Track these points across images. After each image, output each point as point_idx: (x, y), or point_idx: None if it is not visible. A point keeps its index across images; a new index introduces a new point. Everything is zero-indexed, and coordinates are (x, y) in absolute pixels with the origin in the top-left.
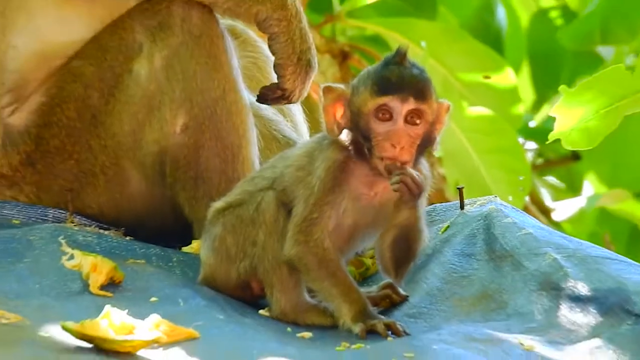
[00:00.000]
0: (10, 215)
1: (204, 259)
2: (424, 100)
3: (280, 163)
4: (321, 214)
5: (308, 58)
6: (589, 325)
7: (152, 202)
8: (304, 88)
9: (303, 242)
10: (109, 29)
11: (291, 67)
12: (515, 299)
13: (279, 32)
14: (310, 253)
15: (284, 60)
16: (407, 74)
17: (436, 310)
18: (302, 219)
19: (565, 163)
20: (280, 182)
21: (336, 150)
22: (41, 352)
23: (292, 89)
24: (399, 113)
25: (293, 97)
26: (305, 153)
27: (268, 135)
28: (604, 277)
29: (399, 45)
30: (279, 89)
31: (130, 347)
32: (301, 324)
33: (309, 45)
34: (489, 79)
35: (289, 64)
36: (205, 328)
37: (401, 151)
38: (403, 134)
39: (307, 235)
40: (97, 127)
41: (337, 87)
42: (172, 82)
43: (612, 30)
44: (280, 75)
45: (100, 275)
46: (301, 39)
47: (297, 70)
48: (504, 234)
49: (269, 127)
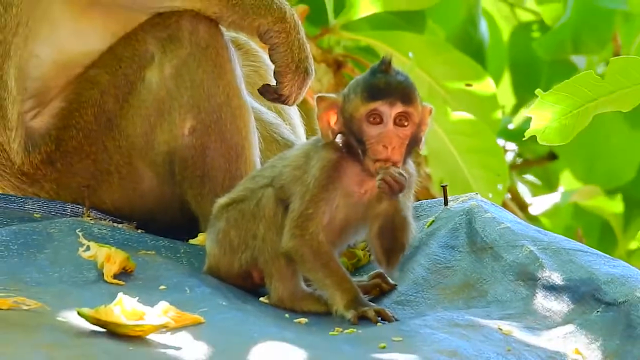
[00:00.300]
0: (32, 209)
1: (208, 250)
2: (410, 104)
3: (279, 163)
4: (316, 210)
5: (305, 66)
6: (563, 313)
7: (162, 198)
8: (300, 93)
9: (299, 235)
10: (123, 40)
11: (289, 75)
12: (494, 288)
13: (279, 42)
14: (305, 246)
15: (283, 69)
16: (393, 80)
17: (422, 298)
18: (299, 214)
19: (542, 162)
20: (278, 180)
21: (330, 151)
22: (59, 336)
23: (288, 94)
24: (389, 116)
25: (289, 101)
26: (302, 153)
27: (269, 137)
28: (576, 268)
29: (383, 55)
30: (276, 93)
31: (140, 331)
32: (298, 310)
33: (306, 55)
34: (470, 86)
35: (288, 71)
36: (209, 314)
37: (392, 151)
38: (393, 135)
39: (302, 230)
40: (112, 129)
41: (329, 96)
42: (181, 89)
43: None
44: (279, 81)
45: (113, 265)
46: (299, 49)
47: (295, 78)
48: (484, 228)
49: (270, 130)
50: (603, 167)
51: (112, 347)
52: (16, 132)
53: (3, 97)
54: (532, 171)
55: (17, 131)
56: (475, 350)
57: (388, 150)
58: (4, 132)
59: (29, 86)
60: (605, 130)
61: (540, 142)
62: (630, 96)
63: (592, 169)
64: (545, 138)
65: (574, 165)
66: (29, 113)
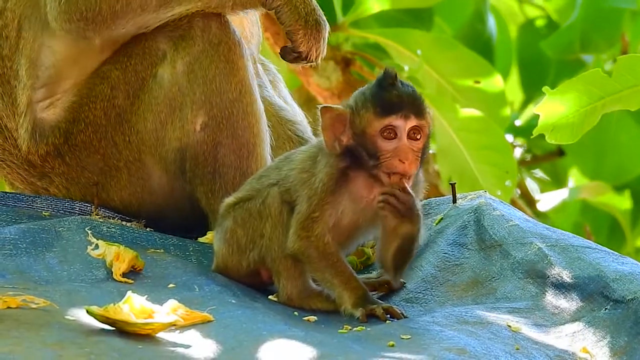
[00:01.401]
0: (41, 208)
1: (216, 250)
2: (422, 117)
3: (285, 166)
4: (322, 213)
5: (315, 18)
6: (571, 310)
7: (171, 195)
8: (319, 46)
9: (305, 237)
10: (134, 38)
11: (301, 31)
12: (503, 286)
13: (282, 4)
14: (312, 247)
15: (292, 27)
16: (404, 93)
17: (431, 295)
18: (305, 217)
19: (551, 158)
20: (284, 183)
21: (338, 158)
22: (68, 335)
23: (307, 50)
24: (403, 130)
25: (311, 57)
26: (308, 157)
27: (283, 134)
28: (584, 265)
29: (385, 68)
30: (294, 52)
31: (150, 329)
32: (307, 308)
33: (313, 7)
34: (479, 83)
35: (299, 28)
36: (218, 312)
37: (409, 165)
38: (408, 150)
39: (308, 231)
40: (122, 125)
41: (336, 108)
42: (193, 85)
43: (591, 41)
44: (293, 40)
45: (122, 264)
46: (304, 3)
47: (308, 32)
48: (492, 226)
49: (286, 128)
50: (611, 164)
51: (121, 345)
52: (24, 118)
53: (13, 85)
54: (541, 167)
55: (25, 117)
56: (484, 349)
57: (405, 165)
58: (13, 118)
59: (41, 74)
60: (614, 127)
61: (549, 141)
62: (638, 95)
63: (600, 166)
64: (553, 137)
65: (582, 162)
66: (42, 103)
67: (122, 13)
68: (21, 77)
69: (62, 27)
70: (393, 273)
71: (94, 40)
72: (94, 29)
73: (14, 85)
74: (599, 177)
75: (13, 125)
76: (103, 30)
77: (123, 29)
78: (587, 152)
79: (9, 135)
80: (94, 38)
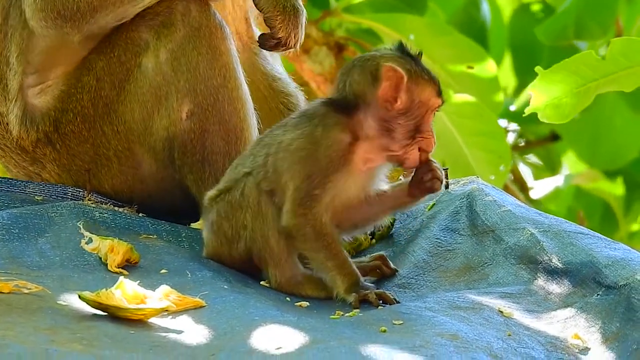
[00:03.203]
0: (33, 193)
1: (207, 241)
2: None
3: (261, 150)
4: (323, 191)
5: (292, 4)
6: (563, 295)
7: (162, 183)
8: (297, 32)
9: (302, 215)
10: (117, 29)
11: (280, 17)
12: (496, 271)
13: None
14: (308, 225)
15: (271, 13)
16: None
17: (423, 281)
18: (305, 194)
19: (544, 144)
20: (260, 170)
21: (342, 132)
22: (60, 320)
23: (285, 35)
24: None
25: (290, 43)
26: (301, 134)
27: (275, 108)
28: (576, 251)
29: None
30: (273, 38)
31: (142, 315)
32: (298, 295)
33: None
34: (472, 69)
35: (277, 14)
36: (211, 297)
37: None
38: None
39: (306, 209)
40: (109, 115)
41: (400, 71)
42: (177, 73)
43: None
44: (271, 27)
45: (117, 256)
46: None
47: (286, 18)
48: (485, 211)
49: (278, 100)
50: (605, 148)
51: (113, 330)
52: (15, 104)
53: (4, 70)
54: (535, 152)
55: (16, 102)
56: (476, 335)
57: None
58: (5, 103)
59: (32, 59)
60: (608, 112)
61: (541, 120)
62: (632, 77)
63: (594, 151)
64: (545, 116)
65: (577, 147)
66: (33, 88)
67: (101, 7)
68: (12, 63)
69: (39, 25)
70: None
71: (73, 37)
72: (72, 25)
73: (5, 71)
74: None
75: (4, 110)
76: (82, 26)
77: (103, 22)
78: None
79: (0, 119)
80: (73, 35)
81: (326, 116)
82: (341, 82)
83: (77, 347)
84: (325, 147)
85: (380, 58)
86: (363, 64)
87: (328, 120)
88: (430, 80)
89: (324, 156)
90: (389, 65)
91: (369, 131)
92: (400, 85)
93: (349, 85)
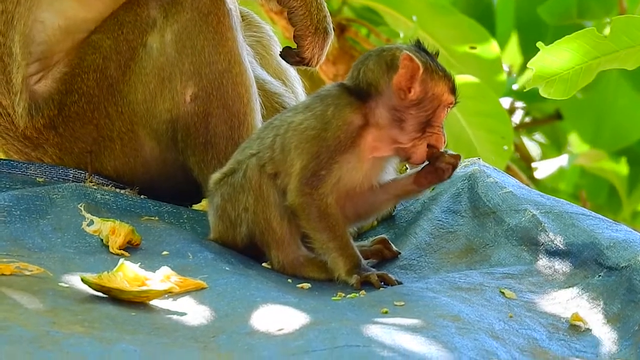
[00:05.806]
0: (35, 175)
1: (212, 226)
2: None
3: (271, 133)
4: (329, 172)
5: (324, 26)
6: (565, 277)
7: (164, 165)
8: (322, 54)
9: (308, 194)
10: (125, 5)
11: (310, 38)
12: (497, 252)
13: (297, 5)
14: (313, 205)
15: (302, 32)
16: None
17: (425, 262)
18: (312, 173)
19: (550, 121)
20: (266, 151)
21: (353, 114)
22: (61, 302)
23: (310, 56)
24: None
25: (312, 63)
26: (312, 115)
27: (270, 107)
28: (578, 232)
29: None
30: (298, 56)
31: (143, 297)
32: (299, 277)
33: (324, 14)
34: (474, 49)
35: (308, 34)
36: (212, 279)
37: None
38: None
39: (312, 189)
40: (114, 95)
41: (417, 62)
42: (181, 55)
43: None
44: (300, 45)
45: (118, 237)
46: (317, 9)
47: (315, 40)
48: (486, 193)
49: (273, 100)
50: (609, 128)
51: (115, 312)
52: (20, 96)
53: (7, 62)
54: (540, 130)
55: (21, 95)
56: (478, 316)
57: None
58: (9, 96)
59: (34, 50)
60: (611, 92)
61: (542, 95)
62: (634, 55)
63: (598, 130)
64: (547, 91)
65: (580, 126)
66: (34, 76)
67: None
68: (15, 54)
69: None
70: None
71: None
72: None
73: (8, 63)
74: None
75: (8, 103)
76: None
77: None
78: (585, 116)
79: (3, 112)
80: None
81: (340, 97)
82: (355, 70)
83: (78, 329)
84: (336, 127)
85: (397, 49)
86: (379, 54)
87: (341, 100)
88: (445, 77)
89: (333, 136)
90: (406, 54)
91: (380, 120)
92: (415, 75)
93: (364, 73)
